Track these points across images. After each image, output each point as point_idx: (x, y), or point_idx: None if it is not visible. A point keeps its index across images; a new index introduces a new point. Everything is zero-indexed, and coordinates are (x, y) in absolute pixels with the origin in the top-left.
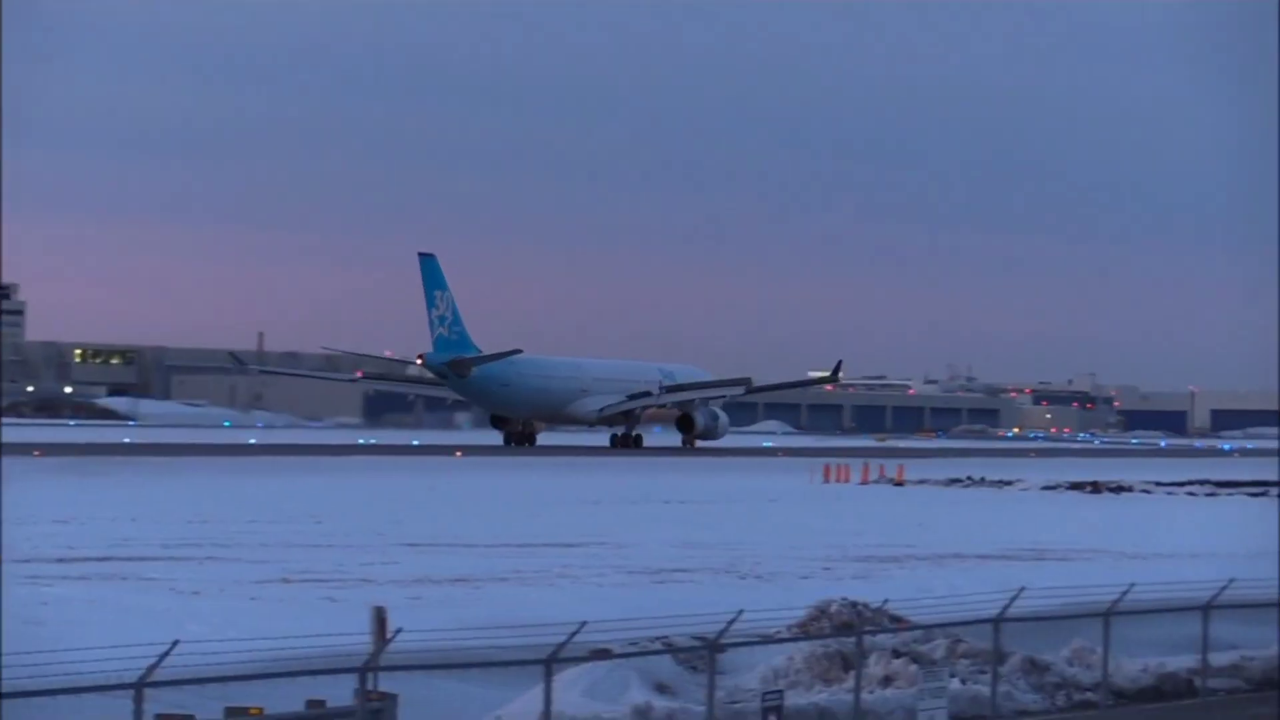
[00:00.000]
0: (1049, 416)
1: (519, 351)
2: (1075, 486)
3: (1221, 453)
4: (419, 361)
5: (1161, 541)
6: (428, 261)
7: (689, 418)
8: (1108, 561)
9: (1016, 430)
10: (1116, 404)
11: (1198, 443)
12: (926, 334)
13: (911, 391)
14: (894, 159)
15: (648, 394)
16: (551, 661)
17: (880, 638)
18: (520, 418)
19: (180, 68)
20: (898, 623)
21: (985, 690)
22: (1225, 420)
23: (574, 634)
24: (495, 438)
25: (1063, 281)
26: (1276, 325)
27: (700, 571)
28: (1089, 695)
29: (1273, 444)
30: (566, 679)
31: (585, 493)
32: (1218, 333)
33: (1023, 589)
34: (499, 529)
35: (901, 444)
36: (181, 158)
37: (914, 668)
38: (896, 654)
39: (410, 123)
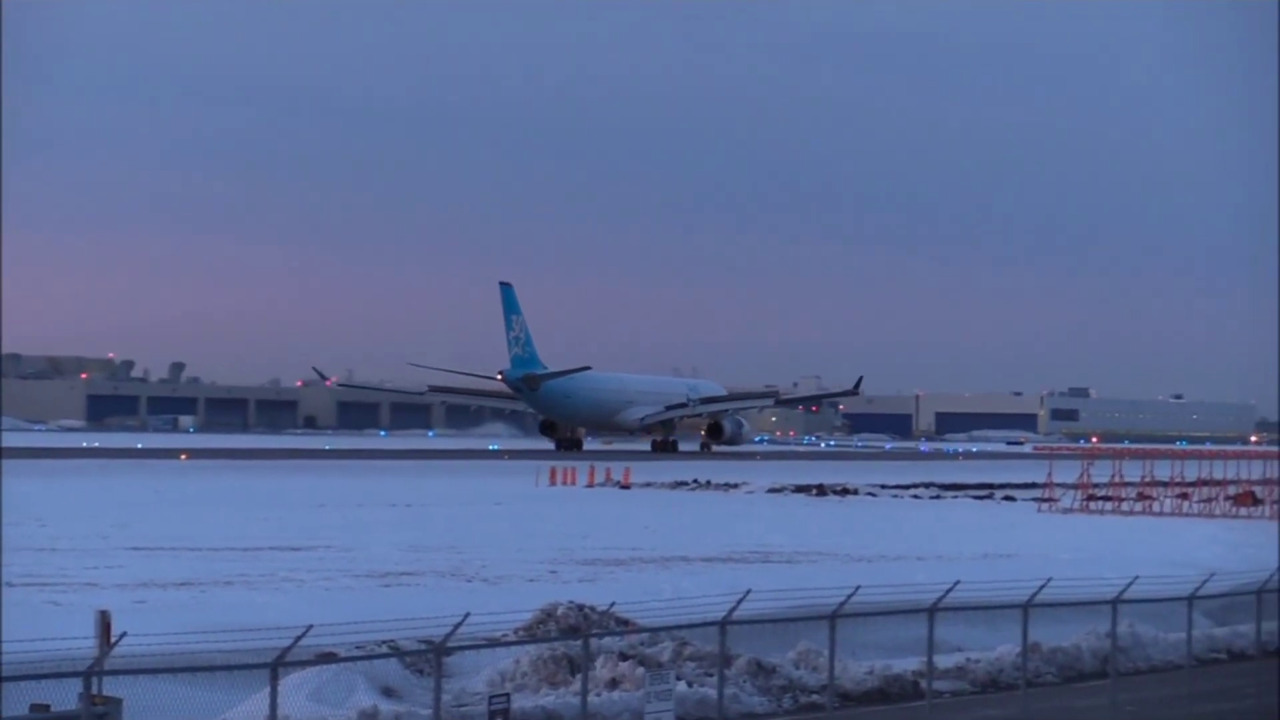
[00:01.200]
0: (774, 419)
1: (588, 368)
2: (801, 489)
3: (946, 455)
4: (499, 378)
5: (887, 544)
6: (506, 290)
7: (719, 426)
8: (833, 564)
9: None
10: (842, 407)
11: (923, 445)
12: (651, 337)
13: None
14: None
15: (684, 405)
16: (277, 665)
17: (607, 640)
18: (576, 425)
19: (277, 107)
20: (624, 625)
21: (712, 693)
22: (950, 423)
23: (300, 638)
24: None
25: (785, 283)
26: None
27: (426, 575)
28: (815, 697)
29: (995, 446)
30: (293, 683)
31: (311, 496)
32: (941, 337)
33: (749, 591)
34: (225, 532)
35: (627, 447)
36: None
37: (641, 670)
38: (623, 657)
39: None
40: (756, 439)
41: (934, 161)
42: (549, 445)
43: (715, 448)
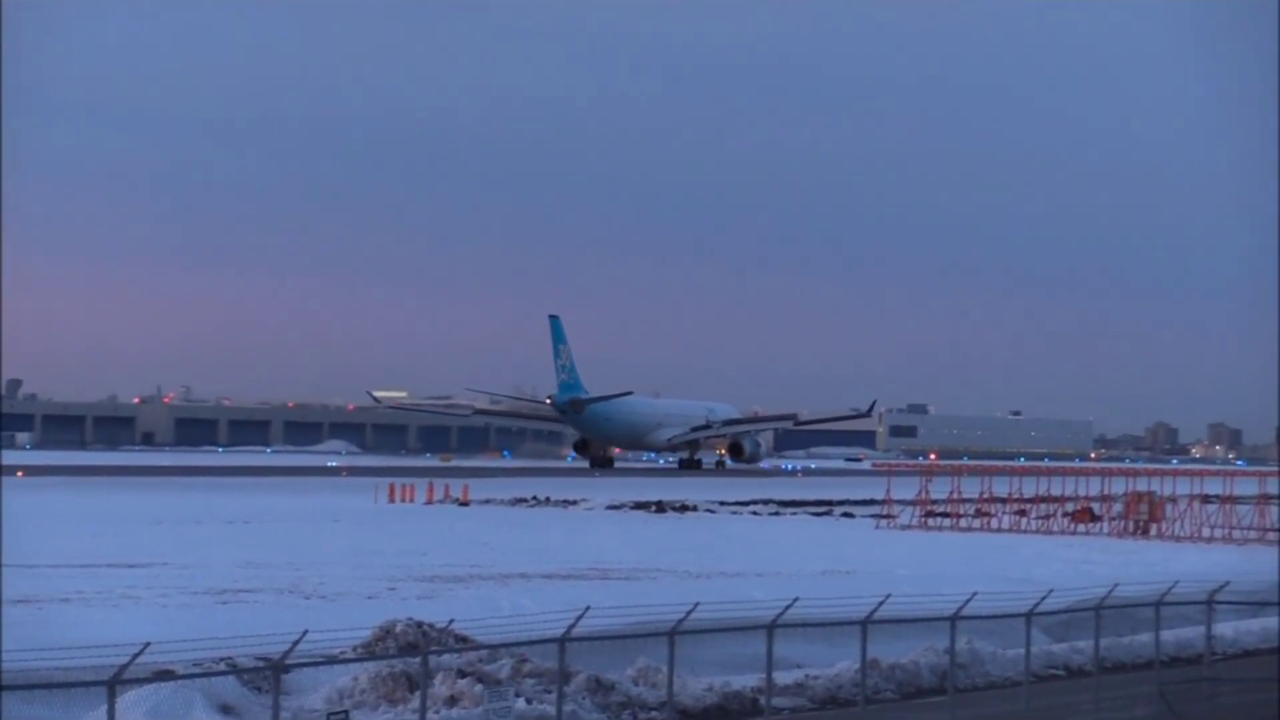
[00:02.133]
0: None
1: (630, 393)
2: (640, 506)
3: (784, 472)
4: (548, 402)
5: (726, 561)
6: (554, 321)
7: (739, 445)
8: (673, 581)
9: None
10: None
11: (763, 462)
12: (494, 354)
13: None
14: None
15: (707, 426)
16: (115, 683)
17: (446, 658)
18: (614, 445)
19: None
20: (463, 642)
21: (551, 710)
22: (788, 440)
23: (137, 655)
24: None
25: (623, 299)
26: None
27: (264, 592)
28: (654, 714)
29: (834, 463)
30: (130, 700)
31: (149, 512)
32: (780, 354)
33: (588, 608)
34: (61, 549)
35: (468, 464)
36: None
37: (479, 687)
38: (462, 674)
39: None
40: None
41: (772, 183)
42: (564, 462)
43: (731, 464)
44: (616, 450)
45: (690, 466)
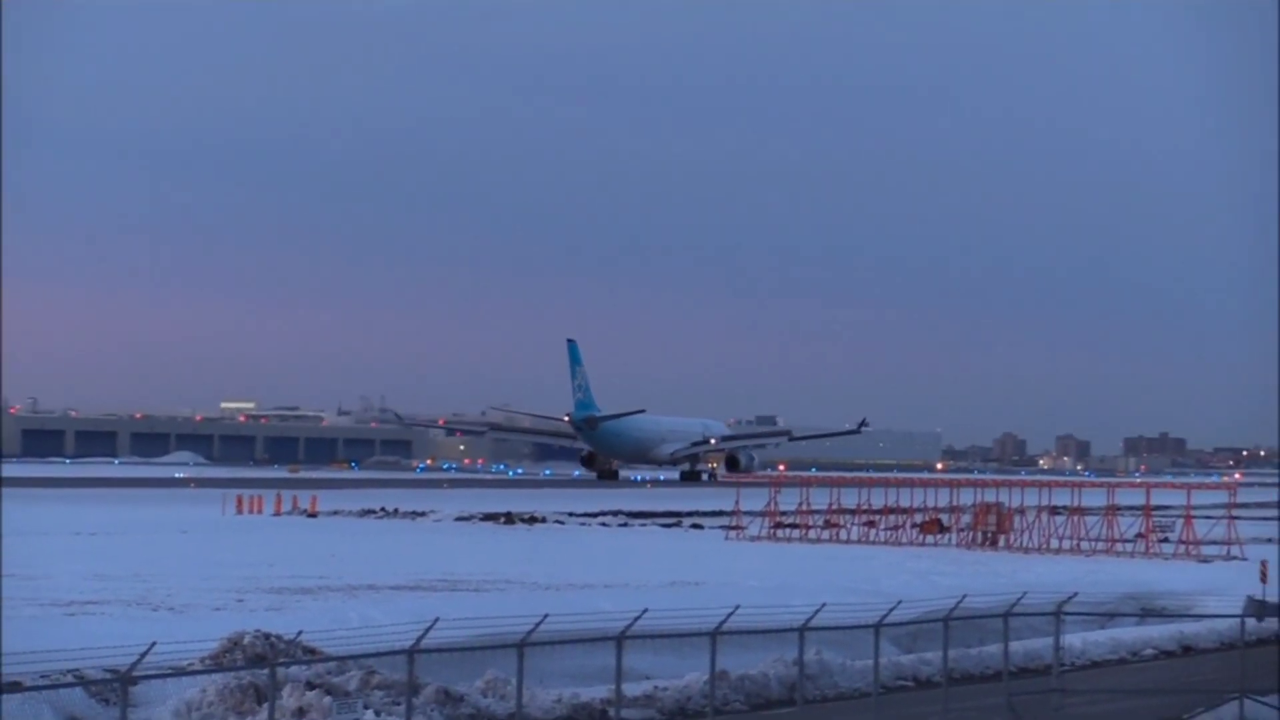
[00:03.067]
0: (463, 448)
1: (642, 411)
2: (489, 517)
3: (634, 483)
4: (566, 419)
5: (575, 572)
6: (571, 345)
7: (735, 458)
8: (522, 592)
9: (430, 461)
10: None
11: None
12: (339, 364)
13: (325, 423)
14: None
15: (707, 441)
16: None
17: (294, 669)
18: (623, 459)
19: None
20: (311, 654)
21: None
22: None
23: None
24: None
25: (477, 310)
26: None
27: (112, 603)
28: None
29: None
30: None
31: None
32: (629, 365)
33: (437, 619)
34: None
35: (315, 475)
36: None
37: (328, 699)
38: (311, 686)
39: None
40: (444, 466)
41: (615, 190)
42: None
43: (723, 476)
44: (616, 463)
45: (690, 479)
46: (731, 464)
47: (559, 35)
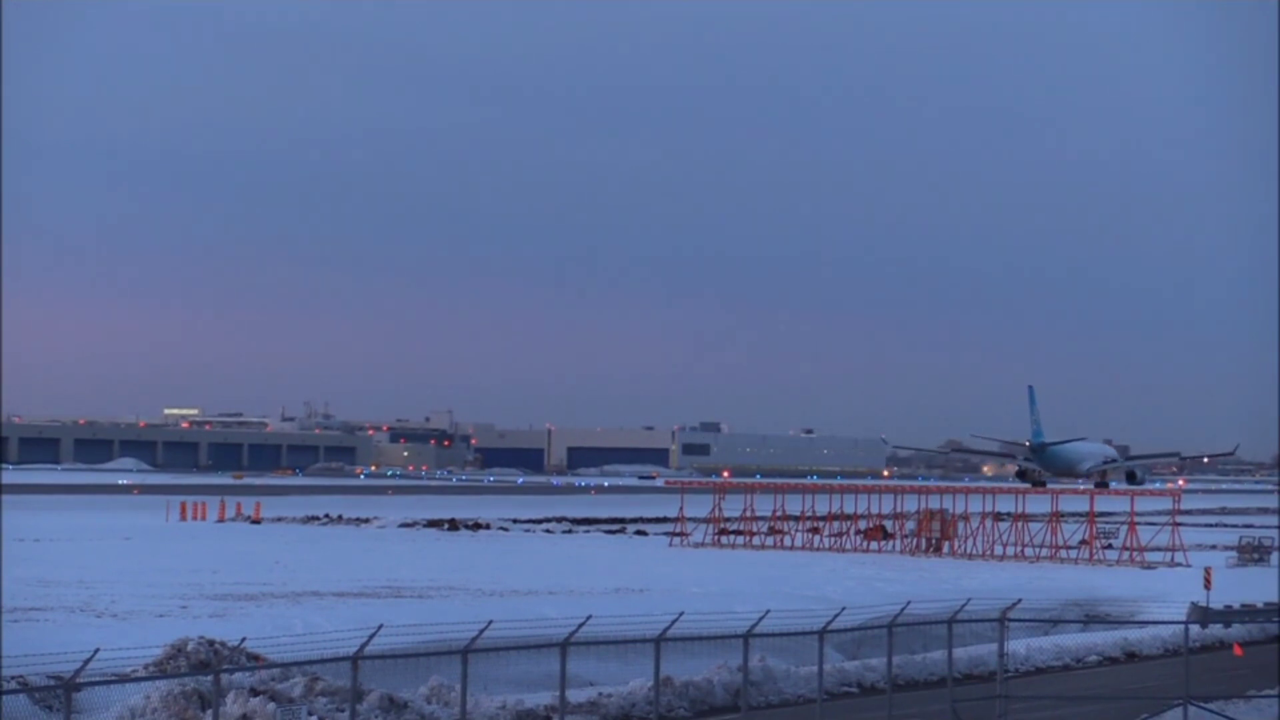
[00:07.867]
0: (406, 454)
1: (1083, 439)
2: (433, 524)
3: (578, 490)
4: (1027, 444)
5: (520, 579)
6: (1030, 390)
7: (1133, 474)
8: (466, 599)
9: (374, 467)
10: (474, 441)
11: (555, 480)
12: (283, 370)
13: (269, 429)
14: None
15: (1114, 460)
16: None
17: (238, 676)
18: (1057, 474)
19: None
20: (255, 661)
21: None
22: (581, 458)
23: None
24: None
25: (419, 317)
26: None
27: (56, 610)
28: None
29: (627, 481)
30: None
31: None
32: (572, 371)
33: (381, 626)
34: None
35: (259, 481)
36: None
37: (272, 706)
38: (255, 692)
39: None
40: (388, 472)
41: (566, 196)
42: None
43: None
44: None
45: (1100, 487)
46: (1130, 478)
47: (507, 41)
